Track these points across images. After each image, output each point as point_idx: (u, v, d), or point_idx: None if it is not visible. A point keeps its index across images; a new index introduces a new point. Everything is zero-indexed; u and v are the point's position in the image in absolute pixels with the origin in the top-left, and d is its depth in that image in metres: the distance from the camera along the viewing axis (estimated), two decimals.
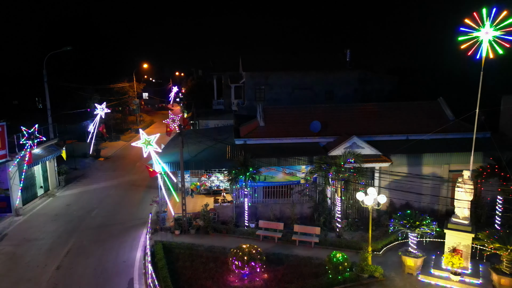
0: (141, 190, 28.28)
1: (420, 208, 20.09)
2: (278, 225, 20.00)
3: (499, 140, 21.49)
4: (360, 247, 17.28)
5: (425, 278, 15.53)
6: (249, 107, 37.84)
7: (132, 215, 23.35)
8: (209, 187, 25.76)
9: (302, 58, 44.37)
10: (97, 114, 40.15)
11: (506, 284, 14.41)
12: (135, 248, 18.84)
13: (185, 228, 20.31)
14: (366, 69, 41.16)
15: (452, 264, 15.43)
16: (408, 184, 19.31)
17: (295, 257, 17.44)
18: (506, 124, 23.25)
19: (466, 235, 15.60)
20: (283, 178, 22.20)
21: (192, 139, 25.34)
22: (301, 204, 21.93)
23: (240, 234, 19.91)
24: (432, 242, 17.92)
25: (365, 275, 15.54)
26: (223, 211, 21.87)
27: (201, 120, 41.05)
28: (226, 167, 22.05)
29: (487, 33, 14.85)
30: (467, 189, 15.61)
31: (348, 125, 24.21)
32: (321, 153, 21.74)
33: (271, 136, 23.79)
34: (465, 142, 20.21)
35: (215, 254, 17.75)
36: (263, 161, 21.01)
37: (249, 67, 40.02)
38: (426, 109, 25.44)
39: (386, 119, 24.83)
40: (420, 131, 22.77)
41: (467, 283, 14.97)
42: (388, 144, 22.22)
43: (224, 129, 30.80)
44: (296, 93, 38.60)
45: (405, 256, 16.11)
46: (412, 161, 21.49)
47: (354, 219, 21.12)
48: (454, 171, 21.07)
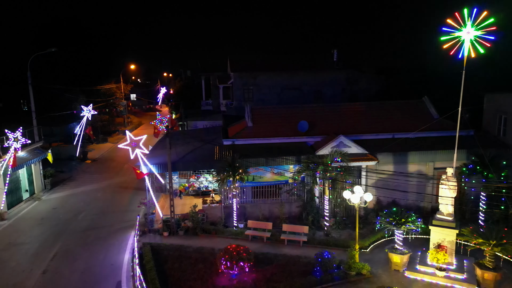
0: (129, 192, 28.04)
1: (406, 206, 20.37)
2: (267, 225, 20.07)
3: (482, 138, 22.00)
4: (348, 245, 17.45)
5: (411, 274, 15.78)
6: (237, 107, 37.85)
7: (119, 217, 23.15)
8: (197, 188, 25.69)
9: (291, 59, 44.59)
10: (84, 116, 39.67)
11: (489, 279, 14.74)
12: (123, 251, 18.70)
13: (173, 230, 20.23)
14: (353, 69, 41.56)
15: (437, 260, 15.72)
16: (394, 182, 19.57)
17: (283, 256, 17.53)
18: (489, 122, 23.75)
19: (450, 231, 15.90)
20: (271, 178, 22.29)
21: (180, 140, 25.30)
22: (289, 204, 22.04)
23: (229, 235, 19.93)
24: (418, 238, 18.22)
25: (352, 272, 15.71)
26: (212, 212, 21.85)
27: (190, 121, 40.87)
28: (214, 167, 22.04)
29: (469, 32, 15.18)
30: (451, 186, 15.91)
31: (336, 124, 24.44)
32: (308, 152, 21.89)
33: (260, 136, 23.86)
34: (449, 140, 20.60)
35: (204, 255, 17.73)
36: (251, 161, 21.08)
37: (237, 68, 40.04)
38: (412, 108, 25.84)
39: (373, 118, 25.14)
40: (405, 130, 23.11)
41: (452, 278, 15.26)
42: (375, 142, 22.50)
43: (212, 129, 30.77)
44: (284, 93, 38.75)
45: (391, 253, 16.34)
46: (398, 159, 21.81)
47: (342, 218, 21.32)
48: (438, 168, 21.43)
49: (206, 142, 24.56)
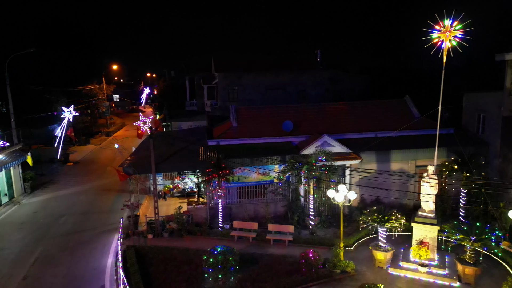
0: (112, 194, 27.59)
1: (390, 203, 20.72)
2: (253, 225, 20.07)
3: (462, 136, 22.53)
4: (333, 244, 17.60)
5: (395, 271, 16.03)
6: (222, 107, 37.75)
7: (103, 220, 22.76)
8: (182, 189, 25.48)
9: (275, 59, 44.75)
10: (65, 118, 38.84)
11: (470, 273, 15.10)
12: (106, 254, 18.38)
13: (158, 232, 20.01)
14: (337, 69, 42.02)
15: (419, 256, 16.01)
16: (377, 180, 19.84)
17: (269, 256, 17.56)
18: (468, 120, 24.34)
19: (432, 228, 16.22)
20: (256, 178, 22.29)
21: (164, 141, 25.07)
22: (275, 203, 22.09)
23: (214, 236, 19.83)
24: (401, 235, 18.51)
25: (337, 270, 15.86)
26: (197, 213, 21.71)
27: (174, 122, 40.55)
28: (199, 168, 21.90)
29: (448, 33, 15.51)
30: (432, 184, 16.24)
31: (320, 124, 24.62)
32: (293, 152, 21.98)
33: (244, 136, 23.83)
34: (430, 138, 20.99)
35: (189, 256, 17.58)
36: (236, 161, 21.04)
37: (222, 68, 39.93)
38: (394, 107, 26.26)
39: (356, 118, 25.44)
40: (388, 129, 23.46)
41: (434, 274, 15.58)
42: (358, 141, 22.76)
43: (197, 130, 30.59)
44: (269, 93, 38.85)
45: (375, 250, 16.57)
46: (381, 157, 22.13)
47: (327, 216, 21.51)
48: (420, 166, 21.85)
49: (191, 142, 24.40)
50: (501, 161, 21.02)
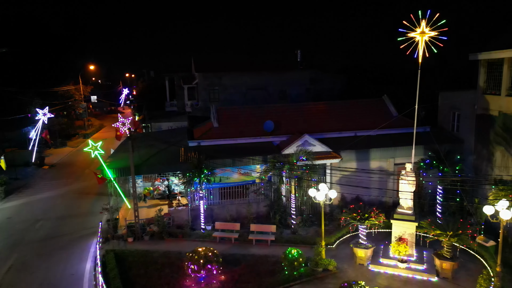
0: (90, 198, 26.94)
1: (370, 201, 21.02)
2: (235, 226, 20.00)
3: (438, 134, 23.11)
4: (315, 242, 17.73)
5: (375, 268, 16.30)
6: (203, 108, 37.48)
7: (81, 224, 22.18)
8: (163, 191, 25.12)
9: (256, 59, 44.80)
10: (39, 120, 37.67)
11: (447, 268, 15.50)
12: (84, 260, 17.93)
13: (138, 235, 19.66)
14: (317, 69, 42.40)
15: (399, 252, 16.33)
16: (357, 178, 20.11)
17: (252, 257, 17.53)
18: (444, 119, 24.98)
19: (410, 224, 16.57)
20: (238, 178, 22.22)
21: (144, 143, 24.66)
22: (257, 203, 22.08)
23: (196, 237, 19.65)
24: (381, 232, 18.85)
25: (319, 269, 15.99)
26: (178, 215, 21.45)
27: (154, 123, 39.98)
28: (180, 170, 21.65)
29: (423, 33, 15.87)
30: (410, 181, 16.58)
31: (300, 123, 24.78)
32: (274, 152, 22.03)
33: (225, 137, 23.72)
34: (407, 137, 21.41)
35: (170, 259, 17.35)
36: (217, 162, 20.90)
37: (202, 68, 39.65)
38: (372, 106, 26.70)
39: (336, 117, 25.73)
40: (367, 127, 23.83)
41: (412, 269, 15.92)
42: (338, 140, 23.02)
43: (177, 131, 30.25)
44: (250, 93, 38.84)
45: (356, 248, 16.79)
46: (361, 156, 22.45)
47: (309, 215, 21.65)
48: (398, 164, 22.29)
49: (171, 144, 24.09)
50: (475, 157, 21.69)
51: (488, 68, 20.45)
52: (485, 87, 20.72)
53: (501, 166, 19.30)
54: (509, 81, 18.98)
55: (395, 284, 15.26)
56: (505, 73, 19.08)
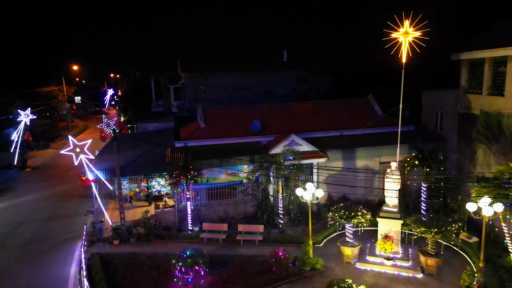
0: (75, 200, 26.46)
1: (356, 200, 21.24)
2: (222, 226, 19.93)
3: (422, 133, 23.49)
4: (302, 241, 17.81)
5: (362, 265, 16.46)
6: (189, 108, 37.25)
7: (65, 228, 21.76)
8: (149, 192, 24.87)
9: (242, 59, 44.75)
10: (21, 121, 36.81)
11: (432, 264, 15.77)
12: (69, 263, 17.59)
13: (124, 238, 19.40)
14: (303, 69, 42.64)
15: (385, 250, 16.54)
16: (344, 177, 20.30)
17: (239, 257, 17.49)
18: (427, 118, 25.44)
19: (396, 222, 16.80)
20: (226, 179, 22.15)
21: (130, 144, 24.38)
22: (244, 204, 22.05)
23: (183, 239, 19.50)
24: (367, 231, 19.06)
25: (307, 268, 16.06)
26: (165, 217, 21.26)
27: (140, 124, 39.51)
28: (166, 171, 21.44)
29: (406, 34, 16.12)
30: (395, 179, 16.80)
31: (287, 123, 24.85)
32: (262, 152, 22.04)
33: (212, 137, 23.61)
34: (393, 136, 21.71)
35: (157, 261, 17.18)
36: (204, 163, 20.79)
37: (188, 68, 39.42)
38: (358, 106, 26.97)
39: (322, 117, 25.89)
40: (353, 127, 24.06)
41: (398, 266, 16.14)
42: (324, 140, 23.18)
43: (164, 132, 29.98)
44: (237, 94, 38.79)
45: (343, 246, 16.94)
46: (347, 155, 22.65)
47: (296, 214, 21.74)
48: (384, 163, 22.57)
49: (157, 144, 23.84)
50: (458, 155, 22.13)
51: (469, 67, 20.91)
52: (467, 86, 21.17)
53: (483, 164, 19.75)
54: (490, 81, 19.44)
55: (381, 281, 15.45)
56: (486, 72, 19.53)
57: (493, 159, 19.00)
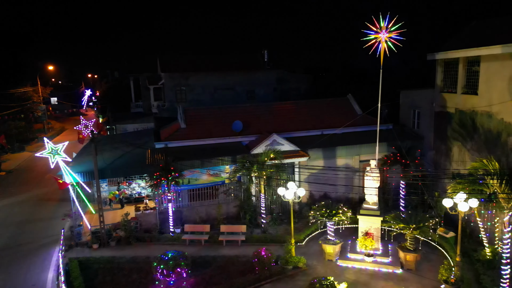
0: (51, 204, 25.71)
1: (337, 198, 21.49)
2: (205, 227, 19.80)
3: (400, 131, 24.02)
4: (284, 240, 17.89)
5: (343, 263, 16.69)
6: (170, 109, 36.81)
7: (42, 233, 21.13)
8: (129, 195, 24.42)
9: (223, 59, 44.58)
10: None
11: (411, 260, 16.14)
12: (46, 269, 17.09)
13: (104, 241, 19.00)
14: (283, 69, 42.85)
15: (365, 247, 16.81)
16: (325, 176, 20.52)
17: (222, 258, 17.43)
18: (405, 116, 26.02)
19: (376, 219, 17.10)
20: (207, 179, 22.01)
21: (108, 145, 23.87)
22: (227, 204, 21.98)
23: (165, 241, 19.27)
24: (348, 228, 19.32)
25: (289, 266, 16.15)
26: (146, 219, 20.94)
27: (119, 125, 38.78)
28: (147, 172, 21.11)
29: (384, 34, 16.44)
30: (374, 177, 17.10)
31: (269, 123, 24.93)
32: (243, 152, 22.02)
33: (193, 137, 23.43)
34: (372, 134, 22.11)
35: (138, 264, 16.92)
36: (186, 163, 20.59)
37: (168, 68, 38.97)
38: (338, 105, 27.32)
39: (303, 116, 26.10)
40: (333, 126, 24.36)
41: (378, 262, 16.44)
42: (305, 139, 23.38)
43: (144, 133, 29.50)
44: (218, 94, 38.60)
45: (325, 244, 17.12)
46: (327, 154, 22.91)
47: (278, 214, 21.82)
48: (364, 161, 22.94)
49: (137, 146, 23.45)
50: (434, 153, 22.73)
51: (445, 67, 21.50)
52: (442, 85, 21.76)
53: (458, 161, 20.35)
54: (464, 80, 20.05)
55: (362, 277, 15.70)
56: (460, 72, 20.13)
57: (468, 156, 19.61)
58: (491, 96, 17.92)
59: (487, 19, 22.61)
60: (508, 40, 16.32)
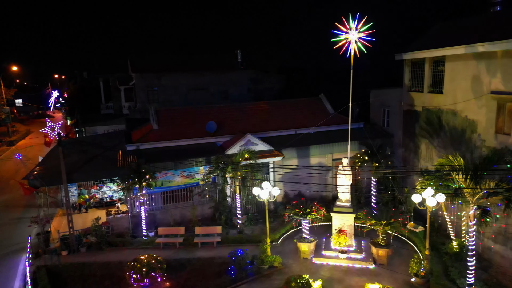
0: (17, 211, 24.56)
1: (311, 196, 21.75)
2: (179, 230, 19.51)
3: (370, 129, 24.61)
4: (260, 240, 17.93)
5: (318, 260, 16.90)
6: (141, 110, 36.06)
7: (7, 240, 20.15)
8: (100, 199, 23.74)
9: (196, 59, 44.10)
10: None
11: (383, 255, 16.56)
12: (12, 279, 16.32)
13: (73, 247, 18.35)
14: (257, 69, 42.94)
15: (339, 244, 17.10)
16: (299, 175, 20.71)
17: (197, 260, 17.25)
18: (375, 115, 26.69)
19: (349, 216, 17.43)
20: (181, 181, 21.71)
21: (77, 148, 23.08)
22: (201, 206, 21.77)
23: (138, 245, 18.83)
24: (322, 226, 19.60)
25: (265, 266, 16.19)
26: (118, 223, 20.40)
27: (88, 127, 37.61)
28: (118, 175, 20.56)
29: (353, 35, 16.78)
30: (346, 175, 17.43)
31: (243, 123, 24.87)
32: (218, 152, 21.87)
33: (166, 139, 23.02)
34: (344, 133, 22.49)
35: (110, 270, 16.47)
36: (158, 165, 20.20)
37: (139, 68, 38.12)
38: (311, 105, 27.64)
39: (277, 116, 26.23)
40: (306, 125, 24.63)
41: (352, 258, 16.77)
42: (280, 139, 23.51)
43: (114, 135, 28.74)
44: (191, 94, 38.17)
45: (299, 243, 17.27)
46: (301, 153, 23.15)
47: (254, 214, 21.84)
48: (336, 159, 23.34)
49: (108, 148, 22.82)
50: (403, 150, 23.44)
51: (412, 67, 22.21)
52: (410, 85, 22.47)
53: (426, 157, 21.08)
54: (430, 79, 20.78)
55: (336, 274, 15.96)
56: (426, 71, 20.86)
57: (435, 152, 20.34)
58: (456, 95, 18.67)
59: (451, 20, 23.57)
60: (471, 40, 17.06)
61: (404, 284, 15.04)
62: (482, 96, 16.96)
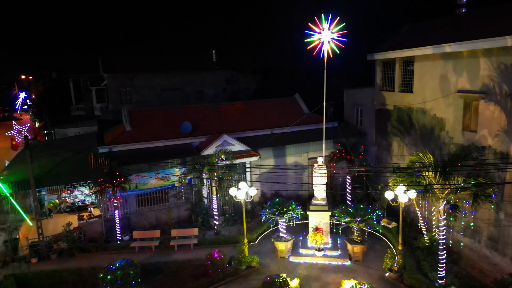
0: None
1: (288, 195, 21.90)
2: (155, 233, 19.16)
3: (344, 128, 25.04)
4: (238, 241, 17.87)
5: (295, 259, 17.03)
6: (114, 111, 35.23)
7: None
8: (71, 203, 22.96)
9: (170, 59, 43.52)
10: None
11: (358, 251, 16.88)
12: None
13: (43, 254, 17.65)
14: (232, 69, 42.85)
15: (316, 242, 17.30)
16: (275, 174, 20.80)
17: (174, 263, 17.00)
18: (349, 114, 27.20)
19: (324, 214, 17.66)
20: (156, 183, 21.31)
21: (46, 151, 22.23)
22: (177, 208, 21.47)
23: (112, 250, 18.34)
24: (299, 224, 19.76)
25: (243, 267, 16.15)
26: (90, 228, 19.80)
27: (58, 129, 36.35)
28: (90, 179, 19.96)
29: (326, 35, 17.00)
30: (322, 174, 17.65)
31: (219, 123, 24.73)
32: (194, 153, 21.61)
33: (140, 140, 22.57)
34: (319, 132, 22.80)
35: (83, 277, 15.99)
36: (132, 168, 19.77)
37: (111, 68, 37.21)
38: (286, 105, 27.83)
39: (253, 116, 26.25)
40: (282, 125, 24.78)
41: (328, 256, 17.00)
42: (256, 139, 23.53)
43: (86, 137, 27.91)
44: (165, 94, 37.64)
45: (277, 242, 17.35)
46: (277, 153, 23.26)
47: (231, 214, 21.74)
48: (312, 158, 23.61)
49: (79, 151, 22.09)
50: (376, 148, 24.00)
51: (383, 67, 22.77)
52: (381, 84, 23.03)
53: (398, 155, 21.66)
54: (401, 79, 21.37)
55: (313, 272, 16.12)
56: (397, 71, 21.44)
57: (406, 150, 20.93)
58: (425, 94, 19.28)
59: (420, 21, 24.31)
60: (439, 41, 17.66)
61: (379, 279, 15.40)
62: (450, 95, 17.59)
